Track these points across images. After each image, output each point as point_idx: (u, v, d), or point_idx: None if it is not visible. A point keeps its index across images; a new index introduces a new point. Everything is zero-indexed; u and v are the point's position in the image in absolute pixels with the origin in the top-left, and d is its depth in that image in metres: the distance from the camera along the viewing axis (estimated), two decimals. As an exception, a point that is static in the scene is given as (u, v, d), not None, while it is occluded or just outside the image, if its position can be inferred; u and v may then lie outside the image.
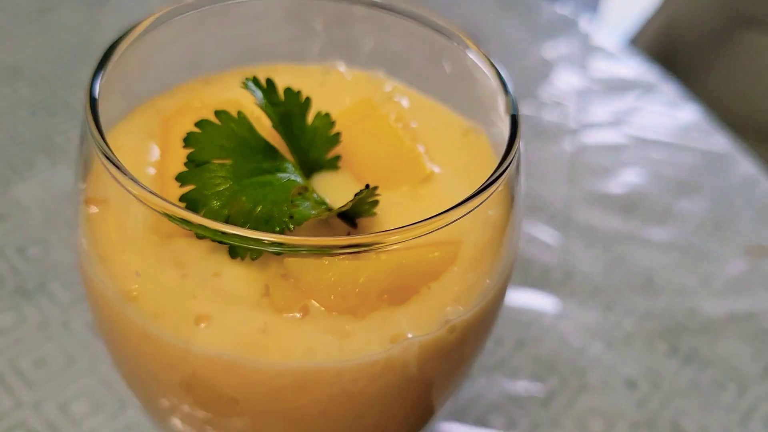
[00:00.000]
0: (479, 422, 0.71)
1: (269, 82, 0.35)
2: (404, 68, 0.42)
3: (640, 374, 0.75)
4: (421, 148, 0.38)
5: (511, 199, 0.33)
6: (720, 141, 1.04)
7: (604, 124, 1.05)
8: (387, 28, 0.40)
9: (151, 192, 0.28)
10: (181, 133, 0.36)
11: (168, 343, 0.30)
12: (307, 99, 0.36)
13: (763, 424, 0.73)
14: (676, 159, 1.00)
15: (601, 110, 1.07)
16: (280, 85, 0.40)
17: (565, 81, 1.11)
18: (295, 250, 0.28)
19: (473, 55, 0.38)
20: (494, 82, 0.37)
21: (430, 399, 0.34)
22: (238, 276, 0.31)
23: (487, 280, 0.33)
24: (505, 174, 0.31)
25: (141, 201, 0.29)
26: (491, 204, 0.31)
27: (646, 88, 1.11)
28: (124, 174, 0.29)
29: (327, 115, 0.36)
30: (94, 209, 0.33)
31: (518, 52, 1.16)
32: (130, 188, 0.29)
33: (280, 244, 0.27)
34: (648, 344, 0.78)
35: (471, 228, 0.31)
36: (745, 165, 1.01)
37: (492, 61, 0.37)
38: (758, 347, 0.79)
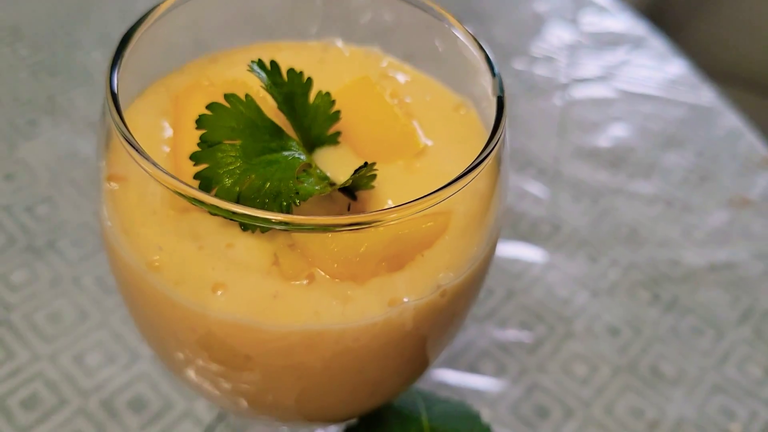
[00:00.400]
0: (471, 369, 0.75)
1: (273, 64, 0.37)
2: (399, 44, 0.44)
3: (622, 322, 0.79)
4: (415, 124, 0.41)
5: (497, 172, 0.36)
6: (707, 94, 1.07)
7: (593, 78, 1.07)
8: (382, 7, 0.42)
9: (168, 174, 0.31)
10: (191, 111, 0.39)
11: (188, 309, 0.33)
12: (309, 79, 0.38)
13: (737, 368, 0.77)
14: (664, 113, 1.03)
15: (591, 64, 1.09)
16: (282, 63, 0.42)
17: (557, 35, 1.12)
18: (301, 228, 0.31)
19: (462, 37, 0.40)
20: (482, 63, 0.40)
21: (425, 353, 0.38)
22: (249, 247, 0.34)
23: (475, 248, 0.36)
24: (492, 152, 0.34)
25: (159, 182, 0.31)
26: (480, 178, 0.34)
27: (636, 42, 1.13)
28: (144, 157, 0.32)
29: (327, 94, 0.39)
30: (114, 186, 0.36)
31: (510, 6, 1.18)
32: (148, 170, 0.32)
33: (286, 223, 0.30)
34: (631, 293, 0.82)
35: (461, 200, 0.34)
36: (730, 118, 1.04)
37: (480, 42, 0.39)
38: (736, 295, 0.83)
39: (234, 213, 0.30)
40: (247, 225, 0.34)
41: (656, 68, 1.09)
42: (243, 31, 0.43)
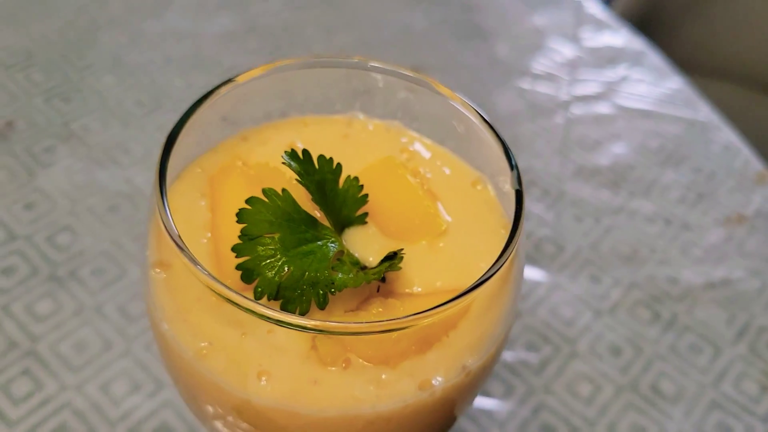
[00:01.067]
0: (481, 391, 0.78)
1: (305, 153, 0.40)
2: (417, 119, 0.47)
3: (624, 341, 0.83)
4: (438, 204, 0.44)
5: (515, 258, 0.39)
6: (703, 109, 1.09)
7: (594, 95, 1.09)
8: (400, 87, 0.45)
9: (209, 275, 0.34)
10: (227, 194, 0.42)
11: (234, 395, 0.36)
12: (338, 165, 0.41)
13: (733, 385, 0.81)
14: (662, 129, 1.06)
15: (591, 81, 1.11)
16: (309, 139, 0.45)
17: (558, 51, 1.15)
18: (335, 333, 0.34)
19: (483, 128, 0.43)
20: (496, 147, 0.42)
21: (452, 417, 0.41)
22: (288, 332, 0.36)
23: (495, 327, 0.39)
24: (512, 249, 0.37)
25: (201, 282, 0.34)
26: (501, 269, 0.37)
27: (635, 58, 1.15)
28: (189, 258, 0.34)
29: (356, 178, 0.41)
30: (161, 273, 0.39)
31: (511, 21, 1.20)
32: (192, 270, 0.34)
33: (321, 330, 0.33)
34: (632, 312, 0.85)
35: (482, 287, 0.37)
36: (726, 133, 1.06)
37: (496, 131, 0.42)
38: (732, 312, 0.87)
39: (269, 318, 0.33)
40: (286, 308, 0.37)
41: (654, 83, 1.12)
42: (271, 107, 0.46)
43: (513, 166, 0.41)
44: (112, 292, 0.80)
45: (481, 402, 0.77)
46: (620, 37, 1.18)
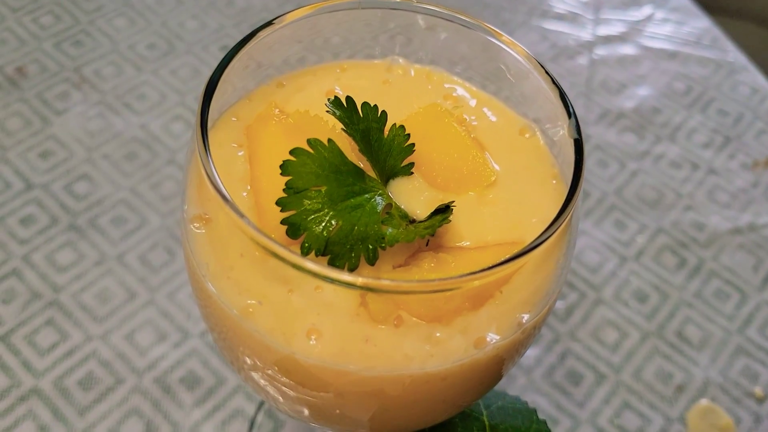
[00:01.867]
0: (506, 338, 0.78)
1: (349, 100, 0.38)
2: (462, 63, 0.45)
3: (650, 287, 0.82)
4: (486, 154, 0.42)
5: (572, 212, 0.37)
6: (731, 50, 1.06)
7: (618, 35, 1.06)
8: (445, 29, 0.42)
9: (256, 229, 0.32)
10: (266, 143, 0.40)
11: (283, 354, 0.35)
12: (384, 113, 0.39)
13: (759, 331, 0.80)
14: (688, 70, 1.03)
15: (616, 20, 1.08)
16: (347, 85, 0.42)
17: (581, -10, 1.11)
18: (386, 292, 0.32)
19: (535, 72, 0.40)
20: (548, 89, 0.40)
21: (501, 374, 0.40)
22: (337, 288, 0.35)
23: (550, 282, 0.38)
24: (572, 207, 0.35)
25: (247, 236, 0.32)
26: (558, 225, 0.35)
27: (661, -4, 1.12)
28: (235, 211, 0.32)
29: (402, 127, 0.39)
30: (201, 228, 0.37)
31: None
32: (238, 224, 0.33)
33: (371, 289, 0.32)
34: (658, 258, 0.84)
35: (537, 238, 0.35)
36: (754, 75, 1.03)
37: (554, 79, 0.40)
38: (759, 257, 0.86)
39: (317, 275, 0.32)
40: (334, 264, 0.36)
41: (680, 23, 1.08)
42: (308, 52, 0.43)
43: (571, 114, 0.39)
44: (133, 241, 0.79)
45: (507, 349, 0.76)
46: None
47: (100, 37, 0.95)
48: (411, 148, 0.40)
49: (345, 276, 0.32)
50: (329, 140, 0.36)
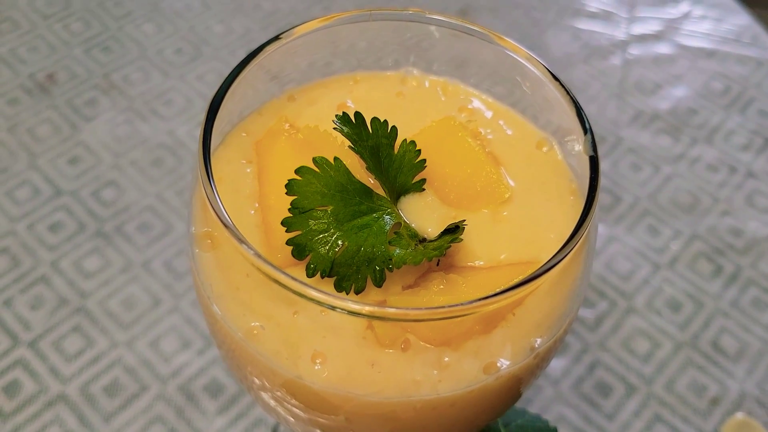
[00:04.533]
0: (533, 348, 0.76)
1: (358, 116, 0.37)
2: (477, 75, 0.43)
3: (684, 295, 0.79)
4: (501, 169, 0.40)
5: (588, 229, 0.36)
6: (773, 47, 1.02)
7: (654, 34, 1.03)
8: (459, 42, 0.41)
9: (259, 256, 0.31)
10: (275, 159, 0.39)
11: (288, 378, 0.34)
12: (394, 128, 0.38)
13: (801, 342, 0.77)
14: (727, 69, 0.99)
15: (651, 19, 1.05)
16: (360, 98, 0.41)
17: (615, -13, 1.08)
18: (393, 320, 0.31)
19: (551, 84, 0.39)
20: (565, 104, 0.39)
21: (516, 396, 0.39)
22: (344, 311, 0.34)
23: (565, 304, 0.36)
24: (587, 225, 0.34)
25: (249, 263, 0.32)
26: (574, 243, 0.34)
27: (699, -8, 1.08)
28: (239, 241, 0.32)
29: (412, 143, 0.38)
30: (206, 249, 0.37)
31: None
32: (242, 251, 0.32)
33: (378, 317, 0.31)
34: (693, 265, 0.81)
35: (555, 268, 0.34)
36: (797, 73, 1.00)
37: (566, 87, 0.38)
38: (800, 265, 0.82)
39: (321, 303, 0.31)
40: (341, 287, 0.35)
41: (719, 20, 1.05)
42: (320, 64, 0.42)
43: (587, 130, 0.37)
44: (158, 247, 0.79)
45: (534, 359, 0.75)
46: (682, -30, 1.11)
47: (128, 43, 0.95)
48: (422, 164, 0.39)
49: (350, 304, 0.31)
50: (336, 158, 0.36)
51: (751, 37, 1.03)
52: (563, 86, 0.39)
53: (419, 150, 0.39)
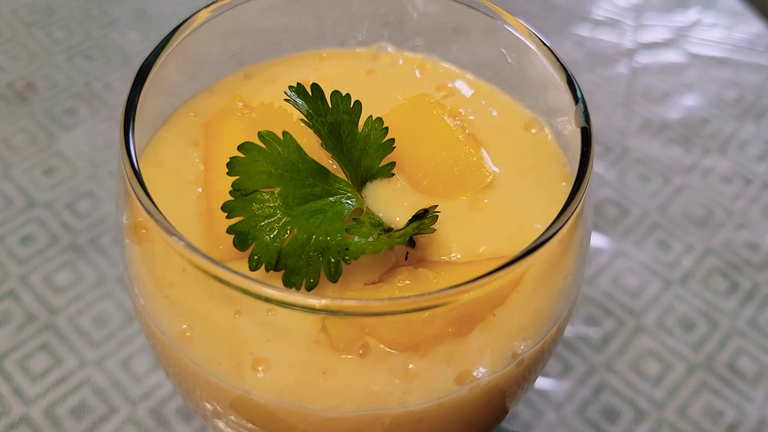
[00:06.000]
0: (534, 369, 0.70)
1: (315, 87, 0.32)
2: (459, 51, 0.39)
3: (698, 314, 0.74)
4: (482, 150, 0.36)
5: (581, 214, 0.31)
6: (788, 55, 0.98)
7: (662, 42, 0.99)
8: (440, 9, 0.37)
9: (191, 247, 0.26)
10: (225, 142, 0.34)
11: (224, 388, 0.29)
12: (357, 103, 0.33)
13: (826, 364, 0.71)
14: (740, 78, 0.95)
15: (659, 27, 1.00)
16: (326, 75, 0.37)
17: (621, -6, 1.04)
18: (352, 314, 0.26)
19: (534, 47, 0.34)
20: (557, 76, 0.34)
21: (501, 412, 0.33)
22: (293, 311, 0.29)
23: (555, 304, 0.31)
24: (577, 203, 0.29)
25: (180, 256, 0.27)
26: (563, 229, 0.29)
27: (707, 1, 1.04)
28: (165, 229, 0.27)
29: (379, 119, 0.33)
30: (137, 241, 0.32)
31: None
32: (170, 243, 0.27)
33: (333, 311, 0.26)
34: (706, 282, 0.76)
35: (538, 252, 0.29)
36: (814, 81, 0.95)
37: (556, 55, 0.34)
38: (823, 282, 0.77)
39: (267, 299, 0.26)
40: (290, 281, 0.30)
41: (730, 28, 1.00)
42: (281, 38, 0.38)
43: (578, 98, 0.33)
44: (134, 261, 0.75)
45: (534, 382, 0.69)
46: (691, -22, 1.07)
47: (112, 51, 0.92)
48: (390, 144, 0.34)
49: (296, 297, 0.26)
50: (285, 133, 0.31)
51: (765, 45, 0.98)
52: (552, 52, 0.34)
53: (386, 128, 0.34)
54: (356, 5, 0.37)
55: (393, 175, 0.34)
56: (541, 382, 0.69)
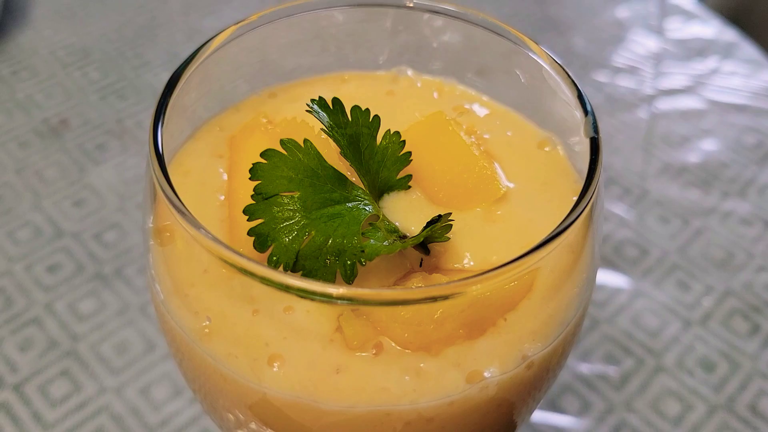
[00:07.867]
0: (552, 406, 0.70)
1: (335, 101, 0.34)
2: (475, 74, 0.40)
3: (718, 355, 0.73)
4: (495, 165, 0.37)
5: (590, 222, 0.32)
6: (807, 102, 0.98)
7: (681, 89, 1.00)
8: (456, 32, 0.38)
9: (215, 239, 0.28)
10: (248, 154, 0.36)
11: (241, 383, 0.30)
12: (376, 117, 0.34)
13: None
14: (759, 124, 0.95)
15: (678, 74, 1.02)
16: (347, 96, 0.38)
17: (641, 44, 1.06)
18: (366, 303, 0.27)
19: (547, 66, 0.36)
20: (569, 94, 0.35)
21: (510, 425, 0.33)
22: (310, 311, 0.30)
23: (566, 310, 0.32)
24: (587, 207, 0.30)
25: (204, 248, 0.28)
26: (571, 232, 0.30)
27: (726, 49, 1.05)
28: (188, 220, 0.28)
29: (397, 133, 0.35)
30: (161, 242, 0.33)
31: (590, 14, 1.12)
32: (193, 234, 0.28)
33: (350, 299, 0.27)
34: (727, 323, 0.75)
35: (549, 255, 0.30)
36: (834, 128, 0.95)
37: (568, 72, 0.35)
38: None
39: (288, 287, 0.27)
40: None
41: (749, 76, 1.02)
42: (305, 62, 0.40)
43: (587, 111, 0.34)
44: (157, 291, 0.76)
45: (552, 419, 0.69)
46: (710, 28, 1.09)
47: (144, 90, 0.95)
48: (407, 157, 0.35)
49: (317, 287, 0.27)
50: (306, 141, 0.32)
51: (784, 92, 0.99)
52: (564, 70, 0.35)
53: (404, 141, 0.35)
54: (377, 30, 0.38)
55: (410, 187, 0.36)
56: (560, 420, 0.69)
